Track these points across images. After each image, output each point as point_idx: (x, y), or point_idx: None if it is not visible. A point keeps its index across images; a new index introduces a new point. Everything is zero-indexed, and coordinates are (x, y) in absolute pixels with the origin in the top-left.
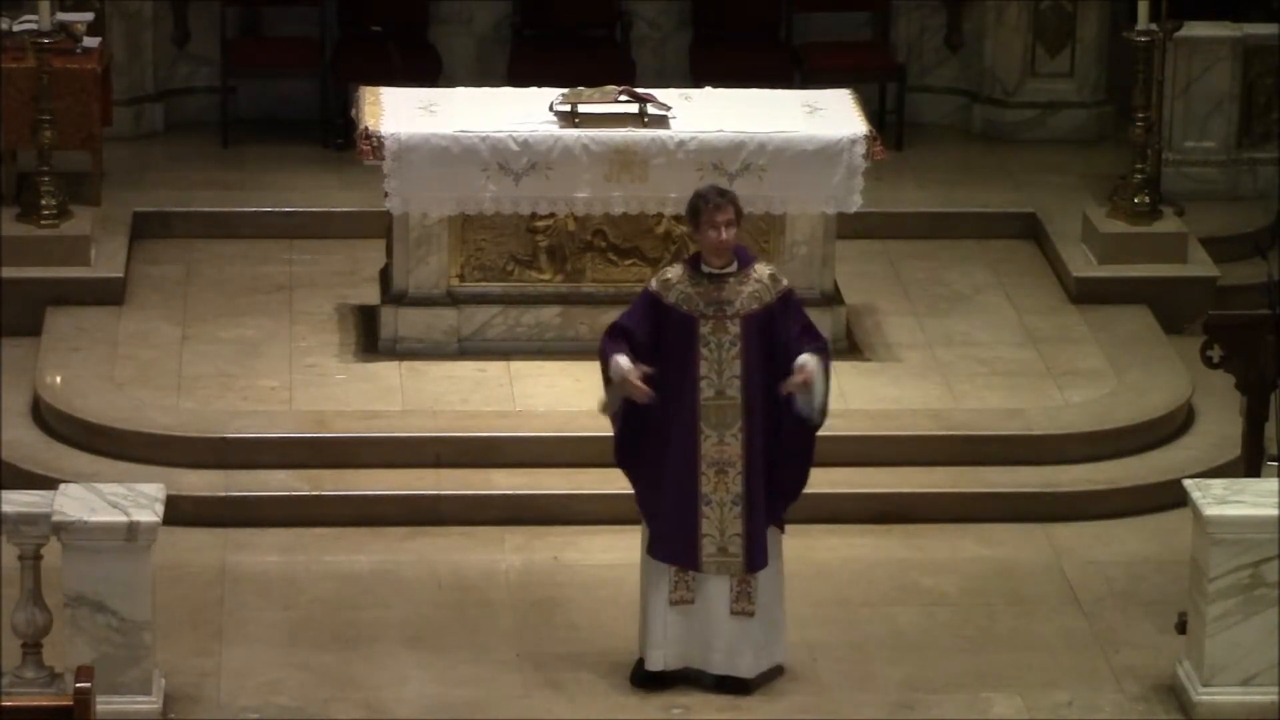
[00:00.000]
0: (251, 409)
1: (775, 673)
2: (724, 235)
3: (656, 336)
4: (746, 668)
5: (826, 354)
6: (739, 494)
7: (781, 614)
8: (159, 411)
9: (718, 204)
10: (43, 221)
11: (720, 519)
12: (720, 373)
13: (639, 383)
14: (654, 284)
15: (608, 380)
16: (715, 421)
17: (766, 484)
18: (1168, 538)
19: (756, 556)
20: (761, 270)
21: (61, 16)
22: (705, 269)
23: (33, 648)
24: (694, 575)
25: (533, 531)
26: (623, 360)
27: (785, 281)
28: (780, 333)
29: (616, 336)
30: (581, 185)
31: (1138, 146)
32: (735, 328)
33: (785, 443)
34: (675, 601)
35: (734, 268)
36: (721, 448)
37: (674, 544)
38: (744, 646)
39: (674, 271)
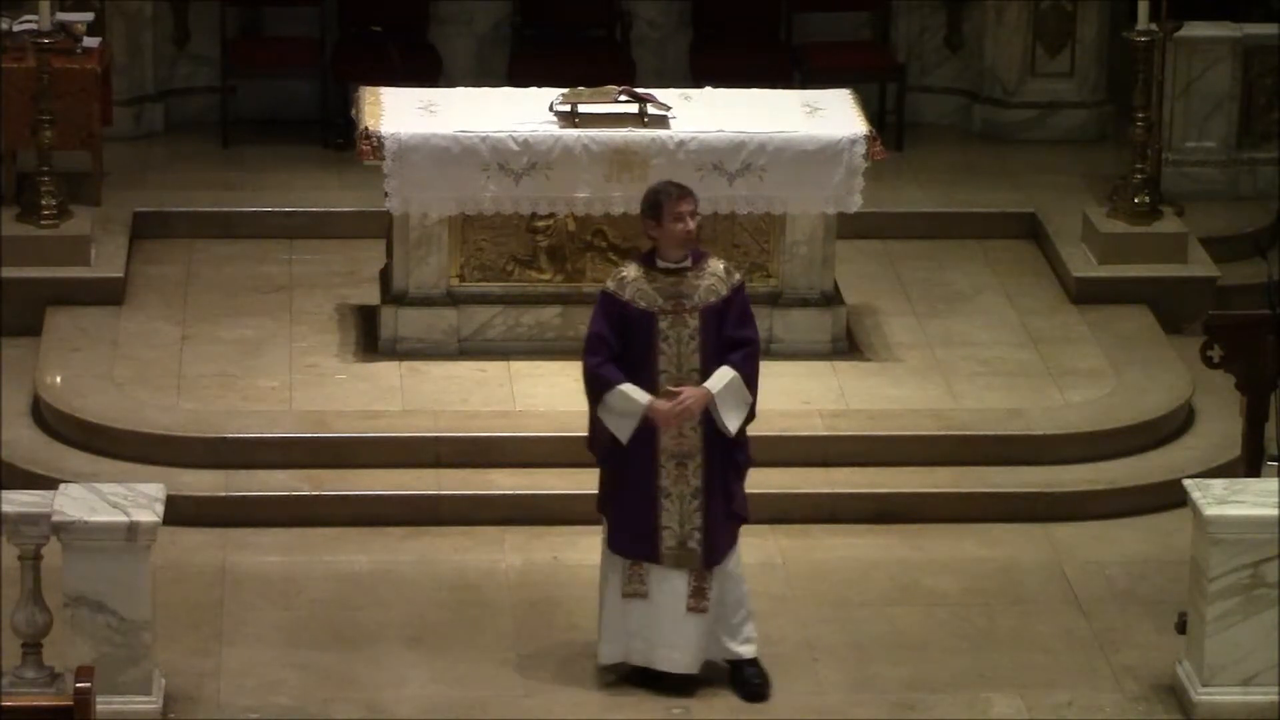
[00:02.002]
0: (251, 409)
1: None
2: (690, 225)
3: (620, 336)
4: (696, 663)
5: (749, 359)
6: (698, 487)
7: (746, 603)
8: (159, 411)
9: (680, 195)
10: (43, 221)
11: (680, 511)
12: (679, 365)
13: (664, 406)
14: (610, 284)
15: (597, 400)
16: None
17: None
18: (1168, 538)
19: (715, 551)
20: (715, 264)
21: (61, 16)
22: (661, 264)
23: (33, 648)
24: (648, 569)
25: (533, 531)
26: (635, 392)
27: (739, 275)
28: (730, 325)
29: (600, 354)
30: (581, 185)
31: (1138, 146)
32: (694, 321)
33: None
34: (628, 595)
35: (688, 262)
36: (680, 440)
37: (633, 537)
38: (700, 641)
39: (629, 270)
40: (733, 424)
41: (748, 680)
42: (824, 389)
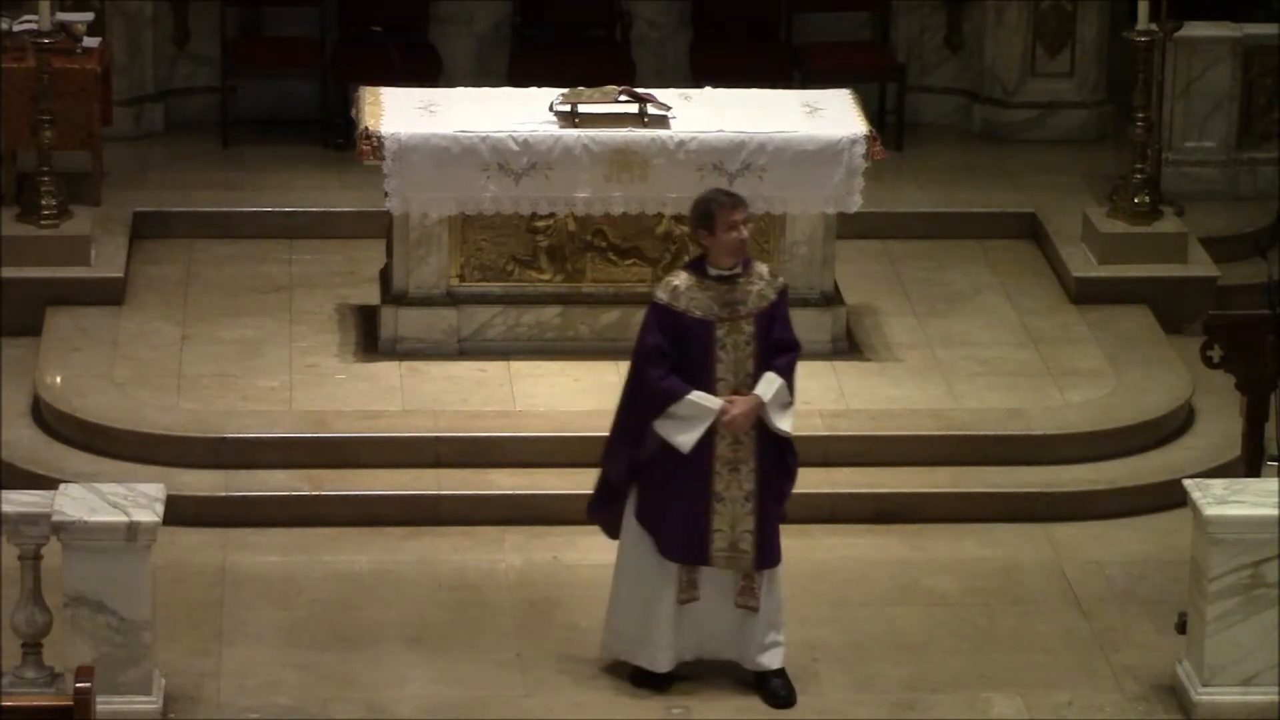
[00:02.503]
0: (251, 409)
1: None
2: (744, 234)
3: (675, 346)
4: (759, 661)
5: (790, 366)
6: (750, 490)
7: (783, 614)
8: (159, 411)
9: (733, 204)
10: (43, 221)
11: (732, 515)
12: (736, 372)
13: (736, 409)
14: (662, 296)
15: (658, 411)
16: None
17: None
18: (1168, 538)
19: (766, 554)
20: (761, 268)
21: (61, 16)
22: (713, 272)
23: (33, 648)
24: (700, 572)
25: (533, 531)
26: (705, 399)
27: (782, 279)
28: (776, 328)
29: (661, 366)
30: (581, 185)
31: (1138, 146)
32: (750, 327)
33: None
34: (684, 600)
35: (739, 269)
36: (736, 447)
37: (686, 542)
38: (757, 639)
39: (680, 279)
40: (786, 426)
41: (774, 691)
42: (824, 389)
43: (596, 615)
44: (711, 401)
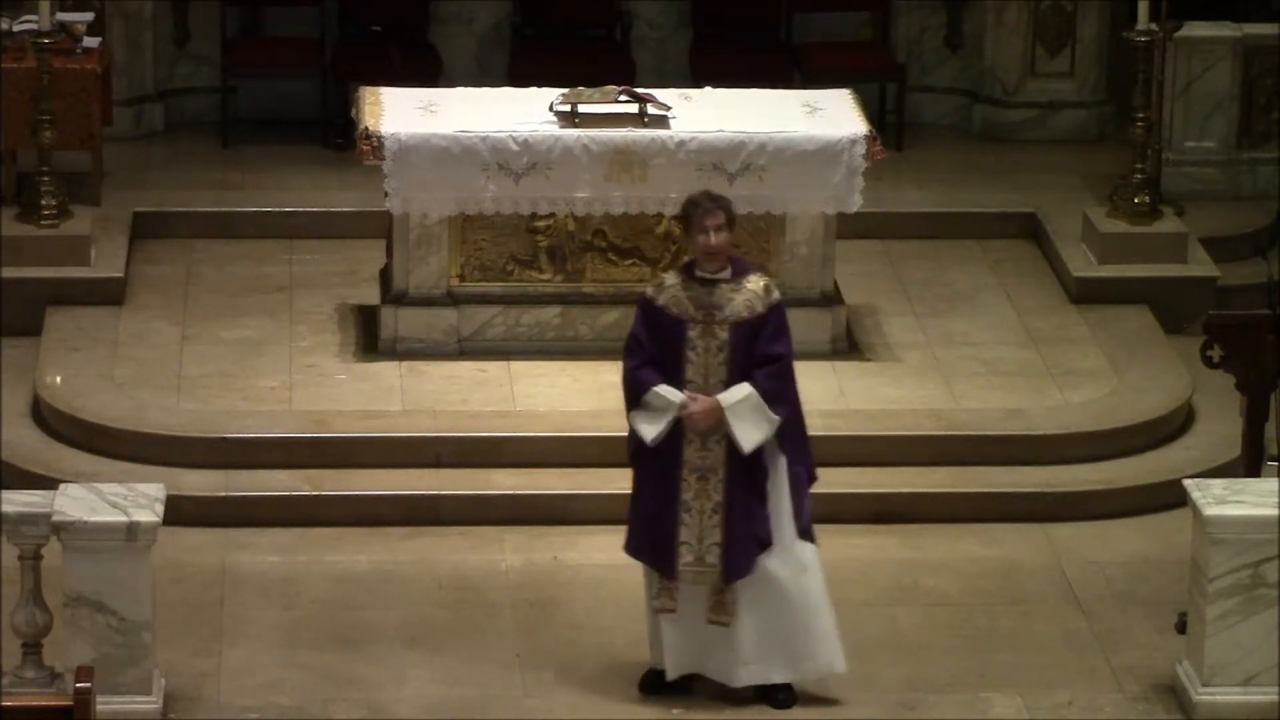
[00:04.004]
0: (251, 409)
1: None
2: (713, 240)
3: (655, 341)
4: (737, 676)
5: (774, 376)
6: (719, 502)
7: (823, 623)
8: (159, 411)
9: (708, 209)
10: (43, 221)
11: (699, 526)
12: (706, 377)
13: (696, 405)
14: (649, 289)
15: (635, 402)
16: (699, 428)
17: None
18: (1168, 538)
19: (734, 566)
20: (757, 281)
21: (61, 16)
22: (699, 274)
23: (33, 648)
24: (676, 585)
25: (533, 531)
26: (669, 392)
27: (778, 295)
28: (762, 341)
29: (639, 357)
30: (581, 185)
31: (1138, 146)
32: (724, 334)
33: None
34: (658, 610)
35: (727, 274)
36: (704, 453)
37: (650, 546)
38: (735, 655)
39: (670, 277)
40: (746, 440)
41: (774, 694)
42: (824, 389)
43: (596, 615)
44: (675, 395)
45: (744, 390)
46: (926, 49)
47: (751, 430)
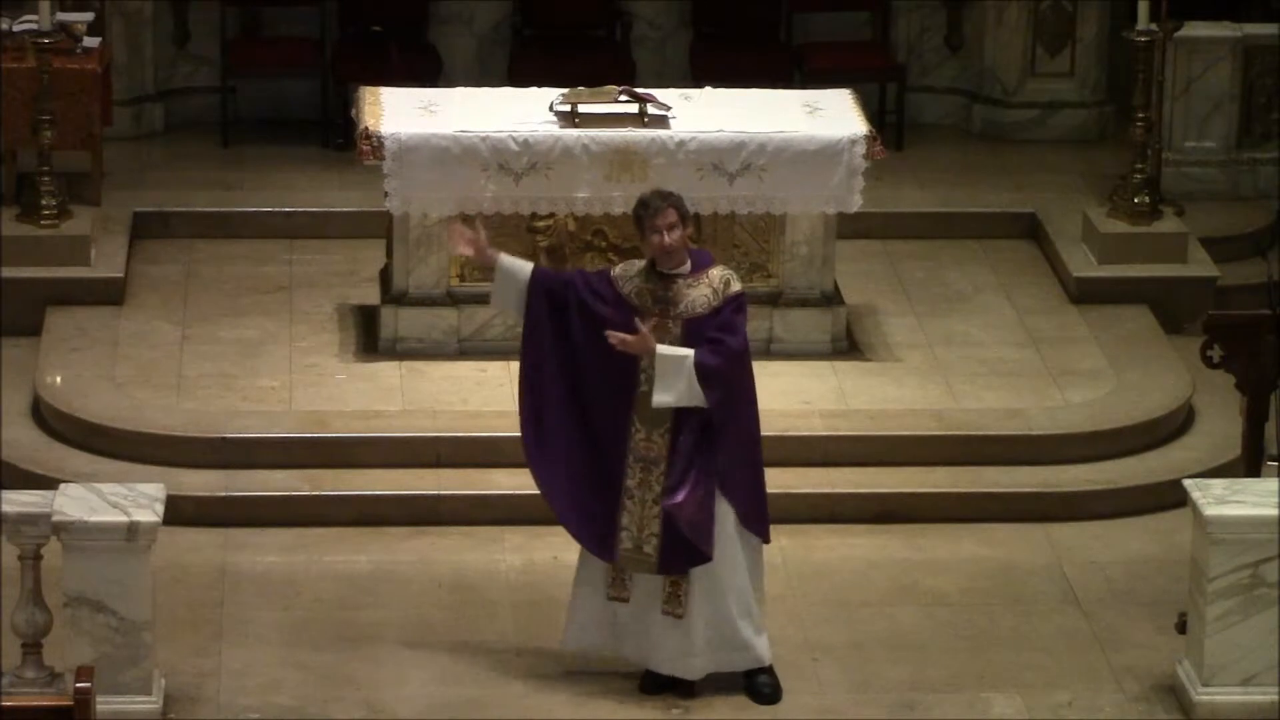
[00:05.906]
0: (251, 409)
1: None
2: (666, 239)
3: (598, 306)
4: (691, 669)
5: (714, 354)
6: (660, 494)
7: (753, 621)
8: (159, 411)
9: (658, 209)
10: (43, 221)
11: (640, 515)
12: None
13: (465, 233)
14: (618, 268)
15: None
16: (647, 417)
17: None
18: (1168, 538)
19: (670, 559)
20: (715, 275)
21: (61, 16)
22: (658, 269)
23: (33, 648)
24: (630, 574)
25: (533, 531)
26: (518, 262)
27: (738, 287)
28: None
29: (564, 276)
30: (581, 185)
31: (1138, 146)
32: (676, 329)
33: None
34: (612, 599)
35: (686, 269)
36: (649, 444)
37: (589, 529)
38: (687, 647)
39: (636, 266)
40: (660, 397)
41: (758, 688)
42: (824, 389)
43: None
44: (524, 267)
45: (683, 351)
46: (926, 49)
47: (671, 390)
